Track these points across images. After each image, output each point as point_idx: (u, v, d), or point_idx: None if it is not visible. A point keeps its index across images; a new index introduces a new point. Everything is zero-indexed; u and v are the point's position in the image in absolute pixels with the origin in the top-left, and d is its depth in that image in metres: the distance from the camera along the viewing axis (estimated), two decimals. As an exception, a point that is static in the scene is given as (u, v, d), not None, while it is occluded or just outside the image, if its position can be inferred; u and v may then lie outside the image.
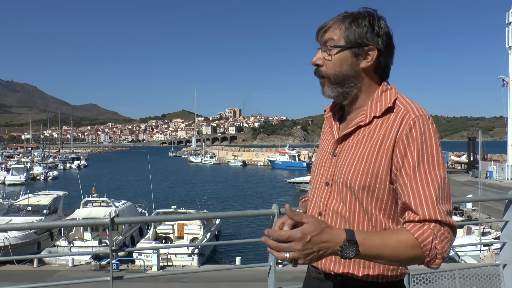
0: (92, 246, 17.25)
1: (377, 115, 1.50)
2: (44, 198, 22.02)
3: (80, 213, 19.19)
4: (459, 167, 50.19)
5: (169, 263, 15.99)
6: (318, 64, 1.55)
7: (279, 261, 3.53)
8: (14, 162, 64.70)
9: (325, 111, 1.74)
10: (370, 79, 1.55)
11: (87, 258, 16.02)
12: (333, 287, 1.54)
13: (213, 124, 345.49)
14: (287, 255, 1.30)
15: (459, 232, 14.91)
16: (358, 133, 1.53)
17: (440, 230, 1.37)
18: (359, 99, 1.56)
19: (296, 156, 74.89)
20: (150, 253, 15.21)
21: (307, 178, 40.58)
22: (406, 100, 1.50)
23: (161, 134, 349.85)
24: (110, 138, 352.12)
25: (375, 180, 1.45)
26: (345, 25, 1.51)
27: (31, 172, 57.05)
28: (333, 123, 1.66)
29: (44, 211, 20.70)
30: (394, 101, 1.50)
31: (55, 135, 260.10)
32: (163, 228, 18.85)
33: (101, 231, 18.68)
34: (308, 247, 1.29)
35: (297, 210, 1.66)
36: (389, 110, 1.49)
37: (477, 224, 16.81)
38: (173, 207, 20.55)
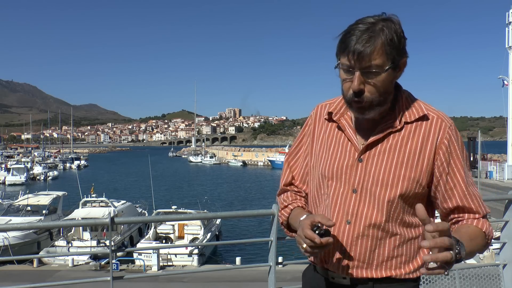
0: (91, 246, 17.23)
1: (408, 121, 1.51)
2: (44, 198, 21.99)
3: (79, 213, 19.16)
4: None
5: (169, 263, 15.98)
6: (362, 89, 1.44)
7: (279, 261, 3.49)
8: (14, 162, 64.64)
9: (331, 112, 1.62)
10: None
11: (85, 258, 16.02)
12: None
13: (213, 124, 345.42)
14: (441, 255, 1.21)
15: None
16: (388, 139, 1.51)
17: (488, 221, 1.56)
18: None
19: (296, 156, 74.85)
20: (150, 253, 15.21)
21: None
22: (431, 107, 1.55)
23: (161, 134, 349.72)
24: (110, 138, 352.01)
25: (415, 185, 1.49)
26: (387, 43, 1.41)
27: (31, 172, 56.98)
28: (347, 126, 1.58)
29: (44, 211, 20.67)
30: (424, 108, 1.54)
31: (55, 135, 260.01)
32: (164, 228, 18.84)
33: (100, 231, 18.65)
34: (452, 243, 1.25)
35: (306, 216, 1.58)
36: (423, 118, 1.51)
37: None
38: (173, 207, 20.54)
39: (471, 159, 42.41)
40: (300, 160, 1.75)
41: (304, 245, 1.42)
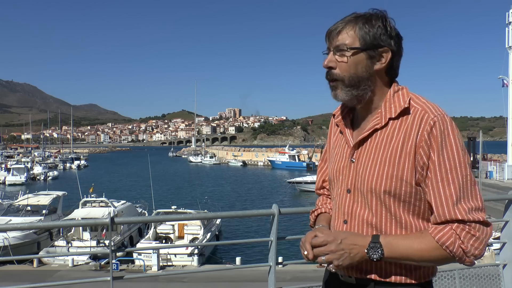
0: (90, 246, 17.23)
1: (393, 116, 1.47)
2: (44, 198, 21.99)
3: (79, 213, 19.16)
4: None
5: (169, 263, 15.98)
6: (330, 66, 1.51)
7: (279, 261, 3.49)
8: (14, 162, 64.61)
9: (334, 115, 1.69)
10: (382, 81, 1.53)
11: (85, 258, 16.01)
12: None
13: (213, 124, 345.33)
14: (323, 258, 1.45)
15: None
16: (375, 136, 1.50)
17: (464, 230, 1.37)
18: (372, 101, 1.53)
19: (296, 156, 74.79)
20: (150, 253, 15.20)
21: (307, 178, 40.51)
22: (421, 100, 1.48)
23: (161, 134, 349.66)
24: (110, 138, 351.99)
25: (400, 183, 1.44)
26: (359, 26, 1.48)
27: (31, 172, 56.96)
28: (345, 128, 1.62)
29: (44, 211, 20.68)
30: (409, 101, 1.48)
31: (55, 135, 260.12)
32: (164, 228, 18.83)
33: (99, 231, 18.64)
34: (340, 248, 1.43)
35: (321, 226, 1.68)
36: (405, 111, 1.46)
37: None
38: (173, 207, 20.52)
39: (471, 159, 42.46)
40: (327, 165, 1.81)
41: (305, 252, 1.51)
